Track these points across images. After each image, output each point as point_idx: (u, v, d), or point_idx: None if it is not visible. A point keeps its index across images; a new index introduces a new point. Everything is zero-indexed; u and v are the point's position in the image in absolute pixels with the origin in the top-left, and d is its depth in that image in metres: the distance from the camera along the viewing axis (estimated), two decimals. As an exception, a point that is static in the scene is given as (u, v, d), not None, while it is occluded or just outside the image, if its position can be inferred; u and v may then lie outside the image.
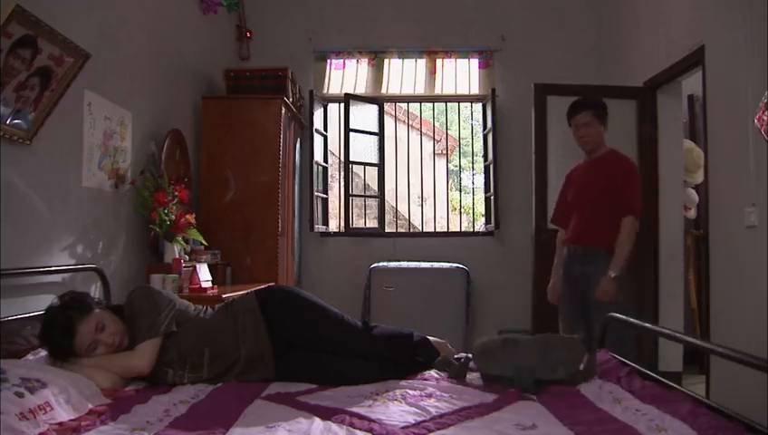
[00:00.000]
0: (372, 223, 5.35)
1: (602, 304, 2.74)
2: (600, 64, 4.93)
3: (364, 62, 5.15)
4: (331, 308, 2.27)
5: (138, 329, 2.06)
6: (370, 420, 1.64)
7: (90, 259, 2.81)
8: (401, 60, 5.18)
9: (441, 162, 7.69)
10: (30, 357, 2.05)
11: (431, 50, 5.13)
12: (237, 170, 4.02)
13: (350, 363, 2.14)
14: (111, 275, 2.92)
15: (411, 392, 1.94)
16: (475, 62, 5.15)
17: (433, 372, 2.22)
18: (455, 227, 6.20)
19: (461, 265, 4.72)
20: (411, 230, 6.09)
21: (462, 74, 5.18)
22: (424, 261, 4.81)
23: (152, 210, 3.16)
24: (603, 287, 2.85)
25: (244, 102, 4.11)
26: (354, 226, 5.12)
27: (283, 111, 4.13)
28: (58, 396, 1.67)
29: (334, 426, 1.60)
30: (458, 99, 5.33)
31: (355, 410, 1.74)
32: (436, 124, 8.48)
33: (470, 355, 2.20)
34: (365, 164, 5.20)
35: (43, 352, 2.06)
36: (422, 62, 5.16)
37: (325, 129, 5.25)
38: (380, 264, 4.73)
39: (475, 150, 7.88)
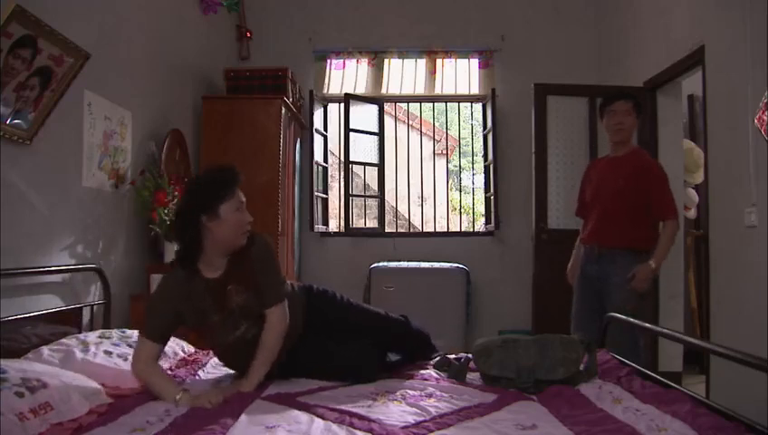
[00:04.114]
0: (372, 223, 5.35)
1: (621, 301, 2.74)
2: (600, 64, 4.93)
3: (364, 62, 5.15)
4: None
5: (271, 282, 2.06)
6: (370, 420, 1.64)
7: (90, 259, 2.81)
8: (401, 60, 5.18)
9: (441, 162, 7.69)
10: (30, 356, 2.05)
11: (431, 50, 5.13)
12: (237, 170, 4.01)
13: (354, 350, 2.17)
14: (111, 275, 2.92)
15: (411, 392, 1.94)
16: (475, 62, 5.15)
17: (433, 372, 2.22)
18: (455, 227, 6.20)
19: (461, 265, 4.71)
20: (411, 230, 6.09)
21: (462, 74, 5.18)
22: (424, 261, 4.81)
23: (152, 210, 3.16)
24: (642, 274, 2.79)
25: (244, 102, 4.11)
26: (354, 226, 5.12)
27: (283, 111, 4.13)
28: (58, 396, 1.67)
29: (334, 426, 1.60)
30: (458, 99, 5.33)
31: (355, 410, 1.74)
32: (436, 124, 8.48)
33: (470, 355, 2.20)
34: (365, 164, 5.20)
35: (45, 351, 2.06)
36: (422, 62, 5.16)
37: (325, 129, 5.25)
38: (380, 264, 4.72)
39: (475, 150, 7.88)
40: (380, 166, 5.27)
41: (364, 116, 5.11)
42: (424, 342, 2.38)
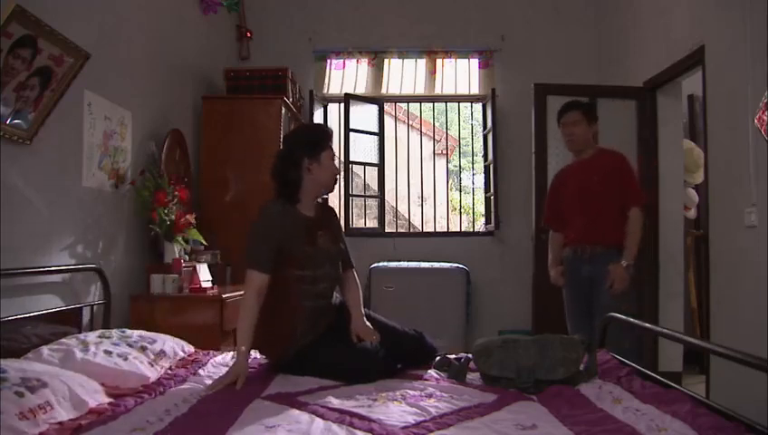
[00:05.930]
0: (372, 223, 5.35)
1: (615, 302, 2.74)
2: (600, 64, 4.93)
3: (364, 62, 5.15)
4: None
5: (347, 249, 2.49)
6: (370, 420, 1.64)
7: (90, 259, 2.81)
8: (401, 60, 5.18)
9: (441, 162, 7.69)
10: (30, 356, 2.05)
11: (431, 50, 5.13)
12: (237, 170, 4.01)
13: (362, 353, 2.22)
14: (111, 275, 2.92)
15: (411, 392, 1.94)
16: (475, 62, 5.15)
17: (433, 372, 2.23)
18: (455, 227, 6.20)
19: (461, 265, 4.71)
20: (411, 230, 6.09)
21: (462, 74, 5.18)
22: (424, 261, 4.81)
23: (152, 210, 3.16)
24: (617, 274, 2.82)
25: (244, 102, 4.10)
26: (354, 226, 5.12)
27: (283, 111, 4.13)
28: (58, 395, 1.67)
29: (334, 426, 1.60)
30: (458, 99, 5.33)
31: (355, 410, 1.74)
32: (436, 124, 8.48)
33: (470, 355, 2.21)
34: (365, 164, 5.20)
35: (45, 351, 2.06)
36: (422, 62, 5.17)
37: (325, 129, 5.24)
38: (380, 264, 4.72)
39: (475, 150, 7.88)
40: (380, 166, 5.27)
41: (364, 116, 5.11)
42: (433, 357, 2.38)
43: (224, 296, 3.07)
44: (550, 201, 3.27)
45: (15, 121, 2.28)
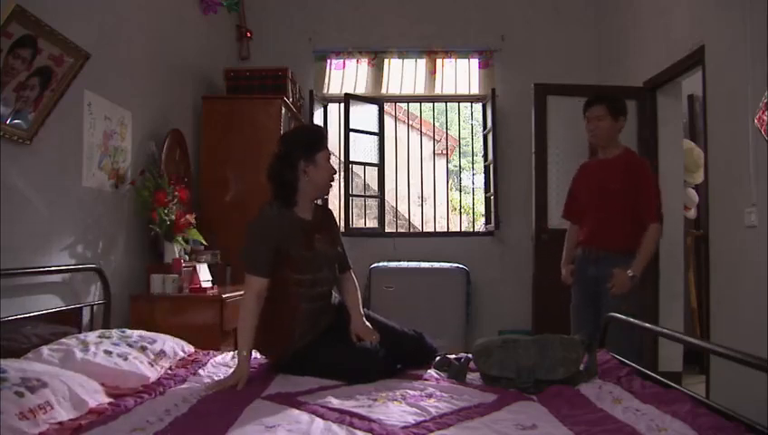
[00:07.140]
0: (372, 223, 5.35)
1: (616, 302, 2.73)
2: (600, 64, 4.93)
3: (364, 62, 5.15)
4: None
5: (345, 251, 2.47)
6: (370, 420, 1.64)
7: (90, 259, 2.81)
8: (401, 60, 5.18)
9: (441, 162, 7.69)
10: (30, 356, 2.05)
11: (431, 50, 5.13)
12: (237, 170, 4.01)
13: (362, 353, 2.23)
14: (111, 275, 2.92)
15: (411, 392, 1.94)
16: (474, 62, 5.15)
17: (433, 372, 2.23)
18: (455, 227, 6.20)
19: (461, 265, 4.71)
20: (411, 230, 6.09)
21: (462, 74, 5.18)
22: (424, 261, 4.81)
23: (152, 210, 3.16)
24: (620, 279, 2.79)
25: (244, 102, 4.10)
26: (354, 226, 5.12)
27: (283, 111, 4.13)
28: (58, 395, 1.67)
29: (334, 426, 1.60)
30: (458, 99, 5.33)
31: (355, 410, 1.74)
32: (436, 124, 8.48)
33: (470, 355, 2.21)
34: (365, 164, 5.20)
35: (45, 351, 2.06)
36: (422, 62, 5.17)
37: (325, 129, 5.23)
38: (380, 264, 4.72)
39: (475, 150, 7.88)
40: (380, 166, 5.27)
41: (364, 116, 5.11)
42: (433, 357, 2.39)
43: (224, 296, 3.07)
44: (569, 194, 3.24)
45: (15, 121, 2.28)
